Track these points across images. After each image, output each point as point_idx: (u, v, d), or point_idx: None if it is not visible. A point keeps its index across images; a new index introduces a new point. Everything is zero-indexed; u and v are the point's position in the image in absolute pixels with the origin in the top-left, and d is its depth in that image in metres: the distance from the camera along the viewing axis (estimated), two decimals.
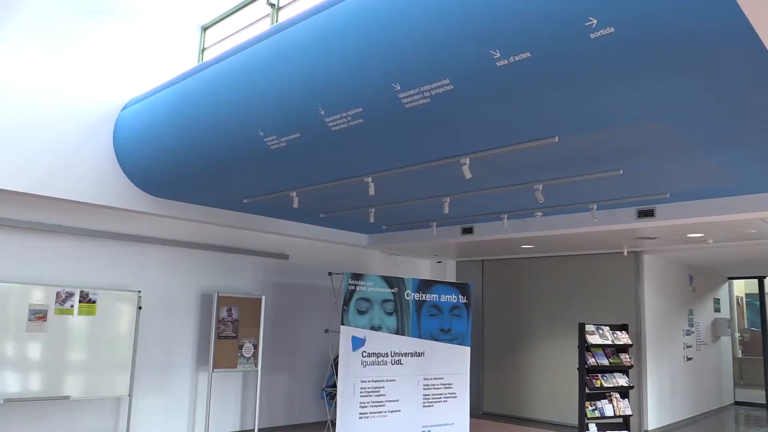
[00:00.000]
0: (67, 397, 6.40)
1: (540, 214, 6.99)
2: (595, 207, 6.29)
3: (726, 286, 13.24)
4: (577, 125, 3.97)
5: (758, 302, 12.64)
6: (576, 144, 4.38)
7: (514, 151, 4.46)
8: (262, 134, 4.82)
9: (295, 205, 6.35)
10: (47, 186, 6.07)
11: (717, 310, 12.46)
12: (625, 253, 8.91)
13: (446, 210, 6.37)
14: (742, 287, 14.30)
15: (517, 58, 3.21)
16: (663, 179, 5.36)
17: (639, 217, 6.47)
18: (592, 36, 2.92)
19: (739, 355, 13.66)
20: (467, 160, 4.67)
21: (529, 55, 3.16)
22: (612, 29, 2.86)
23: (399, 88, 3.75)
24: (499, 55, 3.25)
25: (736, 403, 12.75)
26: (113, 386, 6.75)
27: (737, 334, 13.77)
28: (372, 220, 7.27)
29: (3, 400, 6.01)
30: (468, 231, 8.19)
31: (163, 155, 5.96)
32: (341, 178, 5.65)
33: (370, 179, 5.42)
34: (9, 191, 5.92)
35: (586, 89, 3.38)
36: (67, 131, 6.20)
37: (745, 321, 14.48)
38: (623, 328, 8.19)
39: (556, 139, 4.17)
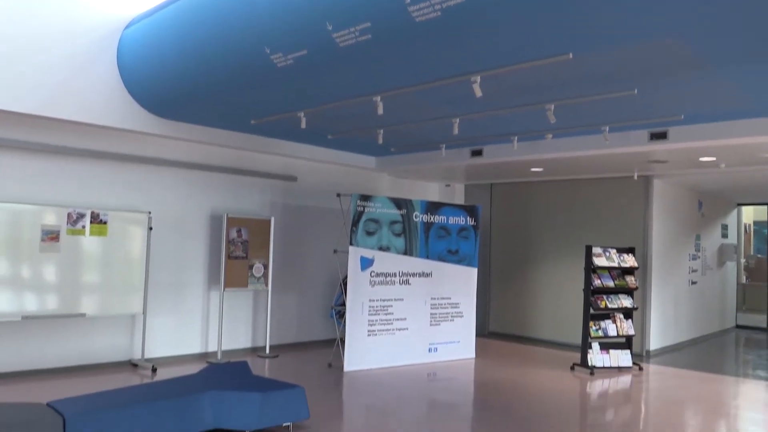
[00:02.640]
0: (82, 315, 6.58)
1: (551, 135, 6.90)
2: (607, 129, 6.20)
3: (735, 212, 13.22)
4: (591, 41, 3.86)
5: (766, 230, 12.65)
6: (590, 61, 4.26)
7: (527, 68, 4.35)
8: (268, 51, 4.71)
9: (303, 125, 6.29)
10: (52, 107, 6.02)
11: (724, 236, 12.50)
12: (636, 178, 8.85)
13: (455, 131, 6.29)
14: (750, 214, 14.31)
15: None
16: (678, 100, 5.25)
17: (651, 139, 6.38)
18: None
19: (744, 280, 13.81)
20: (478, 78, 4.56)
21: None
22: None
23: (409, 0, 3.62)
24: None
25: (738, 326, 12.98)
26: (127, 304, 6.92)
27: (743, 260, 13.86)
28: (380, 141, 7.21)
29: (21, 318, 6.19)
30: (477, 153, 8.13)
31: (168, 75, 5.87)
32: (349, 97, 5.56)
33: (378, 98, 5.33)
34: (14, 112, 5.88)
35: (601, 2, 3.25)
36: (70, 51, 6.09)
37: (752, 247, 14.57)
38: (630, 250, 8.25)
39: (570, 55, 4.05)
